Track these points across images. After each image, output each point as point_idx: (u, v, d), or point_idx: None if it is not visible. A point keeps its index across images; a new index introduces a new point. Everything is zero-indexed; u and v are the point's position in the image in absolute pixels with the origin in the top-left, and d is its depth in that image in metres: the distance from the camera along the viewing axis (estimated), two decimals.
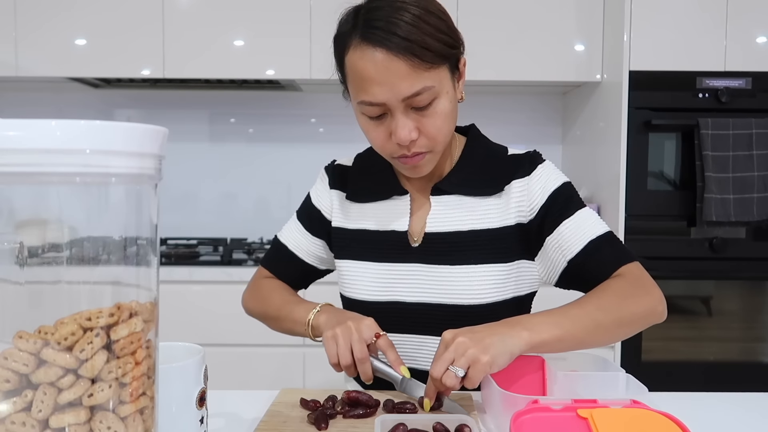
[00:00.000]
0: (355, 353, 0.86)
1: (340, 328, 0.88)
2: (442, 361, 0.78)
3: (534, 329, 0.81)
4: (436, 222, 1.00)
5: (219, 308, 2.09)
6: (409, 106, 0.87)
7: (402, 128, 0.88)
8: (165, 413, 0.64)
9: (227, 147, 2.66)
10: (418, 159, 0.92)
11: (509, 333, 0.80)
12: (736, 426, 0.85)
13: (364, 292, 1.02)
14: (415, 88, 0.85)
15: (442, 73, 0.88)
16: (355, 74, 0.88)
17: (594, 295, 0.90)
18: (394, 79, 0.84)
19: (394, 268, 1.01)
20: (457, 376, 0.77)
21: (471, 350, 0.77)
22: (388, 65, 0.84)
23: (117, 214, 0.50)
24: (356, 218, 1.06)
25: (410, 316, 0.99)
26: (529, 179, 0.99)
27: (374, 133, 0.92)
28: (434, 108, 0.88)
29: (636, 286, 0.91)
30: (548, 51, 2.25)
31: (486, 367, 0.76)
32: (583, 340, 0.85)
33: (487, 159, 1.02)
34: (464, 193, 1.00)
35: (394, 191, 1.04)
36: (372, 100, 0.87)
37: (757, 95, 2.05)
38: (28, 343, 0.46)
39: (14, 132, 0.43)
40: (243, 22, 2.25)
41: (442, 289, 0.98)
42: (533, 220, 0.98)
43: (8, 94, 2.63)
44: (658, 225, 2.09)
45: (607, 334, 0.88)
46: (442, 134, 0.91)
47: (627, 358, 2.07)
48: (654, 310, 0.91)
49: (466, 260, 0.98)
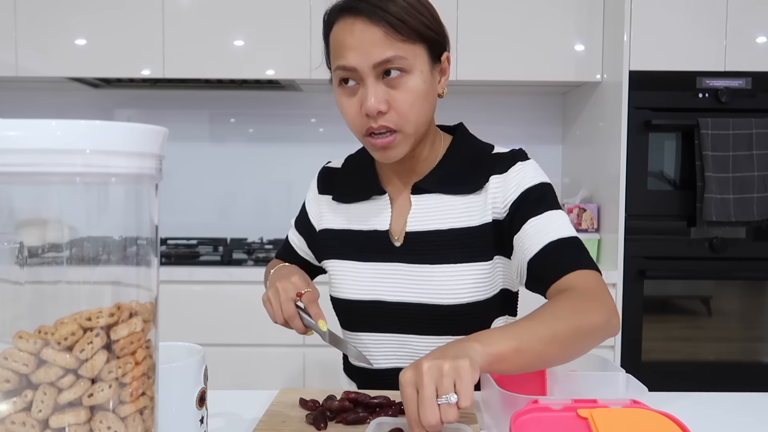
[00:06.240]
0: (284, 311, 0.93)
1: (271, 291, 0.95)
2: (426, 400, 0.66)
3: (486, 342, 0.73)
4: (417, 221, 1.00)
5: (219, 308, 2.09)
6: (380, 75, 0.90)
7: (371, 96, 0.89)
8: (165, 413, 0.64)
9: (227, 147, 2.66)
10: (388, 141, 0.92)
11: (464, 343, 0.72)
12: (736, 426, 0.85)
13: (348, 292, 1.03)
14: (385, 55, 0.88)
15: (417, 51, 0.91)
16: (336, 44, 0.92)
17: (549, 305, 0.84)
18: (367, 45, 0.89)
19: (377, 267, 1.02)
20: (451, 404, 0.66)
21: (446, 365, 0.67)
22: (365, 31, 0.89)
23: (117, 214, 0.50)
24: (342, 219, 1.07)
25: (392, 316, 1.00)
26: (506, 175, 0.98)
27: (347, 107, 0.94)
28: (405, 83, 0.91)
29: (591, 297, 0.85)
30: (548, 51, 2.25)
31: (469, 370, 0.67)
32: (540, 352, 0.77)
33: (470, 157, 1.02)
34: (444, 191, 1.00)
35: (373, 191, 1.04)
36: (345, 63, 0.90)
37: (757, 95, 2.05)
38: (28, 343, 0.46)
39: (14, 132, 0.43)
40: (243, 22, 2.25)
41: (422, 288, 0.98)
42: (506, 217, 0.97)
43: (8, 94, 2.63)
44: (658, 225, 2.09)
45: (565, 346, 0.80)
46: (414, 113, 0.92)
47: (627, 358, 2.07)
48: (609, 322, 0.84)
49: (446, 259, 0.98)
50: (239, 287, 2.07)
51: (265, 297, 0.97)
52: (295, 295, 0.94)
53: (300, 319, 0.93)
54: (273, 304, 0.94)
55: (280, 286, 0.95)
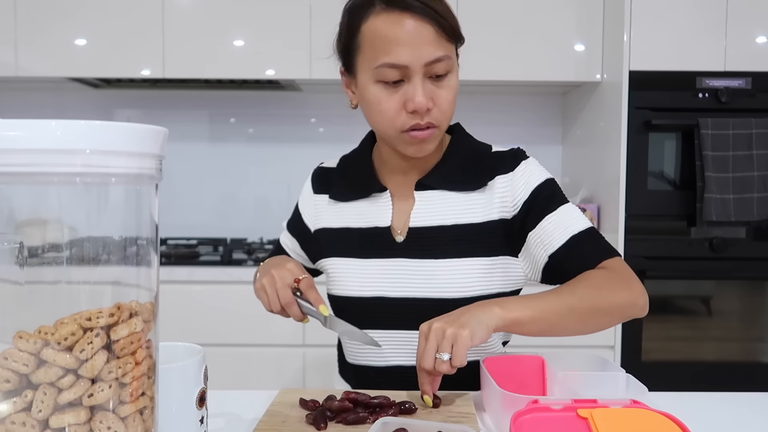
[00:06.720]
0: (280, 299, 0.92)
1: (266, 278, 0.93)
2: (428, 352, 0.81)
3: (506, 307, 0.84)
4: (420, 217, 1.01)
5: (219, 308, 2.09)
6: (428, 73, 0.91)
7: (421, 94, 0.90)
8: (165, 413, 0.64)
9: (227, 147, 2.66)
10: (428, 134, 0.94)
11: (482, 310, 0.83)
12: (736, 426, 0.85)
13: (349, 289, 1.02)
14: (437, 54, 0.90)
15: (453, 50, 0.95)
16: (378, 38, 0.91)
17: (571, 283, 0.92)
18: (420, 42, 0.89)
19: (378, 263, 1.02)
20: (444, 360, 0.79)
21: (449, 330, 0.80)
22: (417, 28, 0.89)
23: (117, 214, 0.50)
24: (340, 218, 1.07)
25: (395, 311, 1.00)
26: (513, 175, 1.00)
27: (387, 103, 0.93)
28: (449, 81, 0.93)
29: (616, 279, 0.92)
30: (548, 51, 2.25)
31: (467, 340, 0.79)
32: (555, 323, 0.86)
33: (471, 155, 1.04)
34: (448, 188, 1.01)
35: (373, 189, 1.05)
36: (396, 61, 0.90)
37: (757, 95, 2.05)
38: (28, 343, 0.46)
39: (14, 132, 0.43)
40: (243, 22, 2.25)
41: (425, 283, 0.98)
42: (516, 216, 0.99)
43: (8, 94, 2.63)
44: (658, 225, 2.09)
45: (581, 321, 0.89)
46: (451, 110, 0.95)
47: (627, 358, 2.07)
48: (635, 303, 0.92)
49: (449, 254, 0.98)
50: (239, 287, 2.07)
51: (258, 285, 0.95)
52: (292, 281, 0.92)
53: (298, 306, 0.92)
54: (269, 292, 0.92)
55: (275, 273, 0.93)
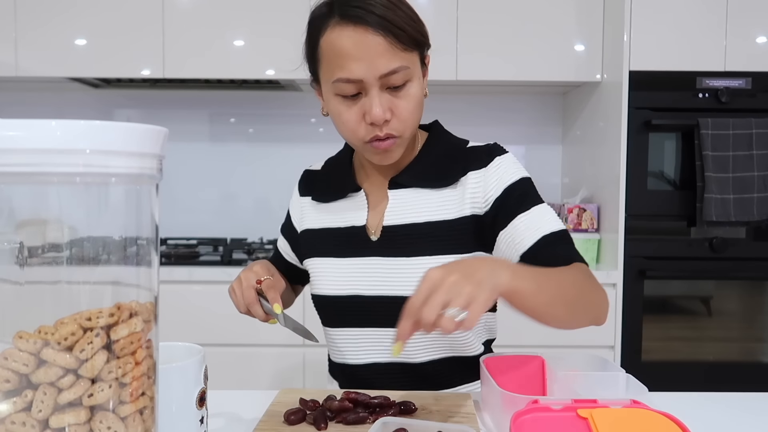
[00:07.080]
0: (244, 299, 0.95)
1: (236, 281, 0.98)
2: (433, 304, 0.68)
3: (516, 275, 0.75)
4: (394, 215, 1.01)
5: (219, 308, 2.08)
6: (385, 85, 0.90)
7: (377, 106, 0.89)
8: (165, 413, 0.64)
9: (227, 147, 2.66)
10: (390, 144, 0.93)
11: (497, 267, 0.75)
12: (736, 426, 0.85)
13: (326, 288, 1.04)
14: (392, 66, 0.88)
15: (414, 59, 0.92)
16: (333, 52, 0.90)
17: (565, 269, 0.89)
18: (372, 56, 0.87)
19: (354, 262, 1.02)
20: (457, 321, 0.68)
21: (467, 288, 0.69)
22: (367, 41, 0.87)
23: (117, 214, 0.50)
24: (321, 218, 1.08)
25: (369, 310, 1.00)
26: (486, 171, 0.99)
27: (346, 115, 0.93)
28: (407, 90, 0.92)
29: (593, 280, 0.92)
30: (548, 51, 2.25)
31: (484, 305, 0.69)
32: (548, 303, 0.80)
33: (446, 152, 1.04)
34: (420, 185, 1.01)
35: (349, 188, 1.06)
36: (349, 76, 0.89)
37: (757, 95, 2.05)
38: (28, 343, 0.46)
39: (14, 132, 0.43)
40: (243, 22, 2.25)
41: (399, 281, 0.99)
42: (488, 212, 0.98)
43: (8, 94, 2.63)
44: (658, 225, 2.09)
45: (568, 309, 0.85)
46: (413, 119, 0.94)
47: (627, 358, 2.07)
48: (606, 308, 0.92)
49: (422, 252, 0.98)
50: None
51: (230, 287, 0.99)
52: (255, 283, 0.95)
53: (260, 306, 0.95)
54: (236, 293, 0.96)
55: (242, 275, 0.97)
